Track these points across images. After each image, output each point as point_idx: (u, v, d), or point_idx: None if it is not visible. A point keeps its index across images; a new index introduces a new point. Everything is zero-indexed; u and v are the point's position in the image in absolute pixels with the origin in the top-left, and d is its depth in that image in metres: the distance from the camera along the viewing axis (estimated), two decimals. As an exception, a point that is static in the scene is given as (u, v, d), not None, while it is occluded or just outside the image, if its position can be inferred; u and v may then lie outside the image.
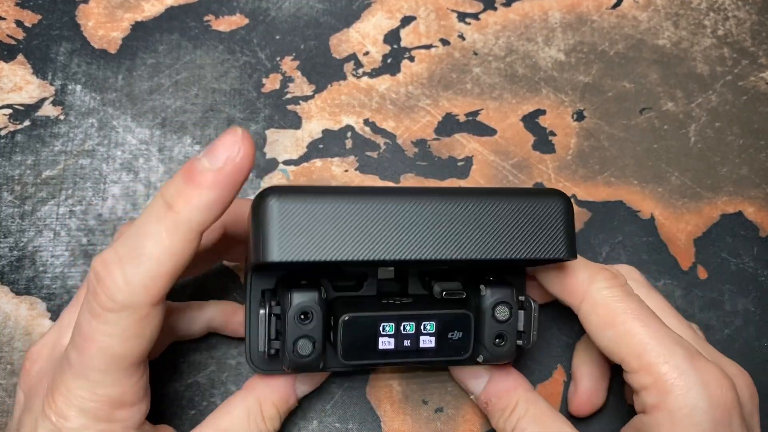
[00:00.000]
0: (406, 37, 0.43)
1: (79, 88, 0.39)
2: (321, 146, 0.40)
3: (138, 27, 0.41)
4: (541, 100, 0.42)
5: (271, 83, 0.41)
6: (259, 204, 0.26)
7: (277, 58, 0.41)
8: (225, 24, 0.42)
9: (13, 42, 0.40)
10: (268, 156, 0.39)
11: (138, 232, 0.25)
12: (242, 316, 0.33)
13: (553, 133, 0.42)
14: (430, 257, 0.27)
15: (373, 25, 0.43)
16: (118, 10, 0.41)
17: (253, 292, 0.31)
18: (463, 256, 0.28)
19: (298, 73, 0.41)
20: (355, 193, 0.27)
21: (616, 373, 0.36)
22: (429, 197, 0.28)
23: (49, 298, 0.36)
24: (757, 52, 0.44)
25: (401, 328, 0.29)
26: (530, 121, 0.42)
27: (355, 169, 0.40)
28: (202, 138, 0.39)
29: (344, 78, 0.41)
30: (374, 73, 0.42)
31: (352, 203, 0.27)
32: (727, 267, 0.40)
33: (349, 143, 0.40)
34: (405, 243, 0.27)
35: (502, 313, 0.31)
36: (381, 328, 0.29)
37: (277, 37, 0.42)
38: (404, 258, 0.27)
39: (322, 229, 0.26)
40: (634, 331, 0.30)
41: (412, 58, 0.42)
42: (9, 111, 0.39)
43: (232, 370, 0.36)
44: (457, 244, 0.28)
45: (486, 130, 0.41)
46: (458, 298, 0.31)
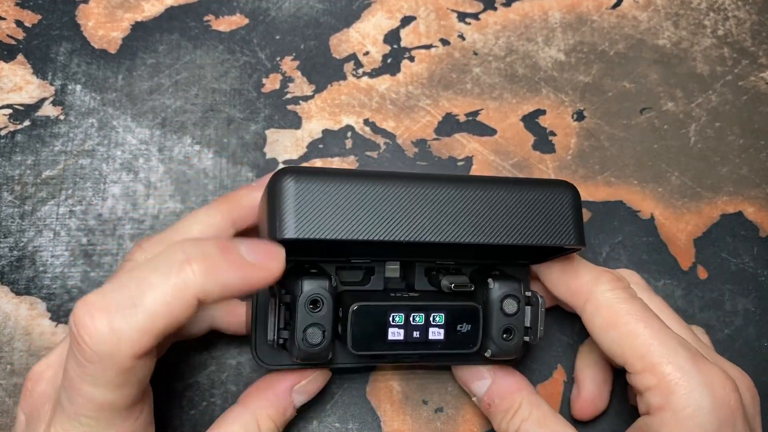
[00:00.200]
0: (406, 37, 0.43)
1: (79, 88, 0.39)
2: (321, 146, 0.40)
3: (138, 27, 0.41)
4: (541, 100, 0.42)
5: (271, 83, 0.41)
6: (276, 183, 0.27)
7: (277, 58, 0.41)
8: (225, 24, 0.42)
9: (13, 42, 0.40)
10: (268, 156, 0.39)
11: (139, 278, 0.24)
12: (244, 313, 0.33)
13: (553, 133, 0.42)
14: (442, 240, 0.28)
15: (373, 25, 0.43)
16: (118, 10, 0.41)
17: None
18: (474, 240, 0.28)
19: (298, 73, 0.41)
20: (371, 176, 0.28)
21: (618, 376, 0.37)
22: (442, 182, 0.28)
23: (49, 298, 0.36)
24: (757, 52, 0.44)
25: (411, 318, 0.30)
26: (530, 121, 0.42)
27: (355, 169, 0.40)
28: (202, 138, 0.39)
29: (344, 78, 0.41)
30: (374, 73, 0.42)
31: (367, 185, 0.27)
32: (727, 267, 0.40)
33: (349, 143, 0.40)
34: (417, 225, 0.27)
35: (510, 306, 0.31)
36: (391, 318, 0.29)
37: (277, 37, 0.42)
38: (416, 239, 0.27)
39: (337, 209, 0.27)
40: (637, 332, 0.30)
41: (412, 58, 0.42)
42: (9, 111, 0.39)
43: (232, 370, 0.36)
44: (468, 228, 0.28)
45: (486, 130, 0.41)
46: (466, 291, 0.31)
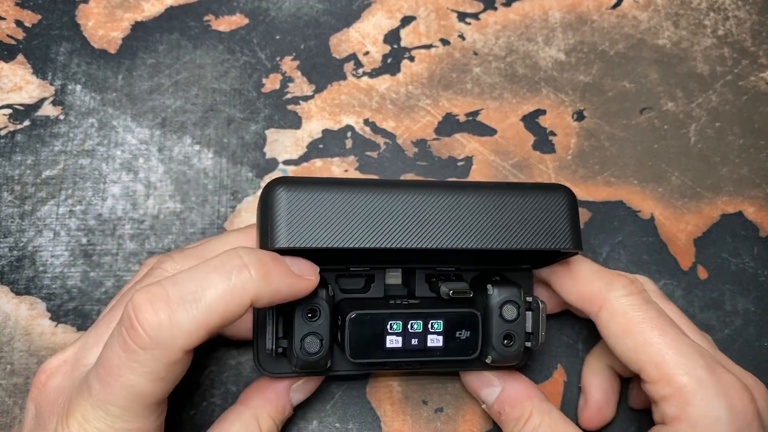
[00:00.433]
0: (406, 37, 0.43)
1: (79, 88, 0.39)
2: (321, 146, 0.40)
3: (138, 27, 0.41)
4: (541, 100, 0.42)
5: (271, 83, 0.41)
6: (268, 193, 0.27)
7: (277, 58, 0.41)
8: (225, 24, 0.42)
9: (13, 42, 0.40)
10: (268, 156, 0.39)
11: (200, 276, 0.25)
12: (251, 320, 0.33)
13: (553, 133, 0.41)
14: (436, 246, 0.28)
15: (373, 25, 0.43)
16: (118, 10, 0.41)
17: None
18: (467, 246, 0.28)
19: (298, 73, 0.41)
20: (362, 185, 0.28)
21: (624, 381, 0.36)
22: (434, 189, 0.28)
23: (49, 298, 0.36)
24: (758, 52, 0.44)
25: (409, 326, 0.29)
26: (530, 121, 0.42)
27: (355, 169, 0.40)
28: (202, 138, 0.39)
29: (344, 78, 0.41)
30: (374, 73, 0.42)
31: (357, 194, 0.27)
32: (727, 267, 0.40)
33: (349, 143, 0.40)
34: (410, 232, 0.27)
35: (510, 312, 0.31)
36: (388, 326, 0.29)
37: (277, 37, 0.42)
38: (409, 246, 0.27)
39: (329, 218, 0.27)
40: (652, 340, 0.30)
41: (412, 58, 0.42)
42: (9, 111, 0.39)
43: (232, 370, 0.36)
44: (462, 234, 0.28)
45: (486, 130, 0.41)
46: (465, 297, 0.31)
